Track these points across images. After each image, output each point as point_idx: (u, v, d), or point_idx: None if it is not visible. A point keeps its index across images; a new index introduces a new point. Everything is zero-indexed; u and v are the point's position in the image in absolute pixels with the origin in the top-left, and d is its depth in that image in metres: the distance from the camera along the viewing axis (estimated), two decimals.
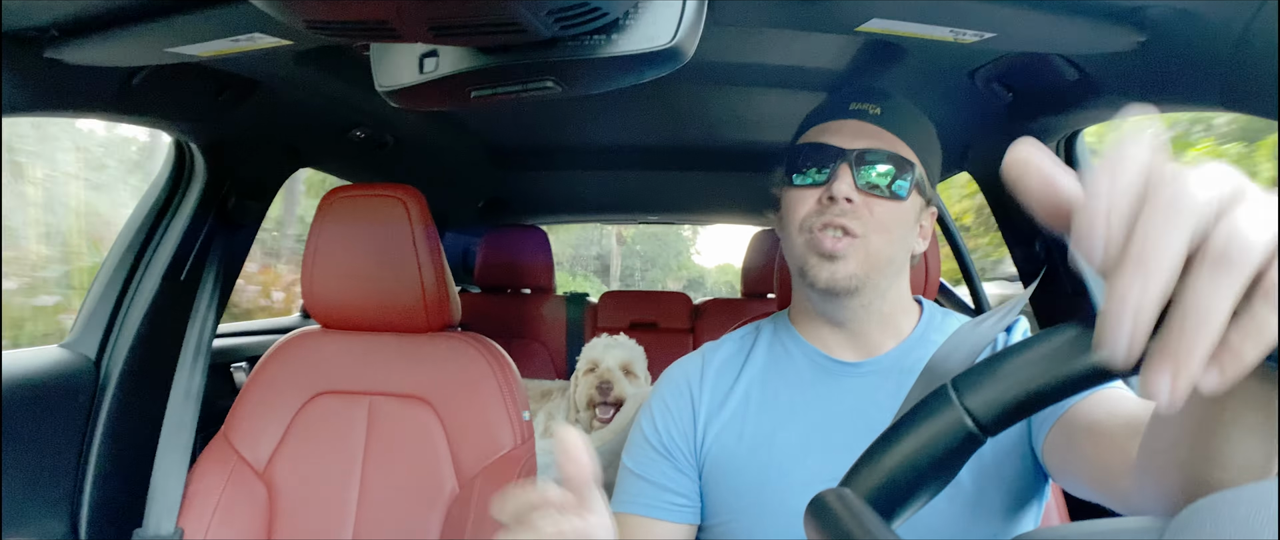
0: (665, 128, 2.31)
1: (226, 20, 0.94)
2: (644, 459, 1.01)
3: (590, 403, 2.02)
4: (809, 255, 0.93)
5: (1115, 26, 0.93)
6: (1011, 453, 0.88)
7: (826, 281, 0.91)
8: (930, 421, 0.40)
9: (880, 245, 0.92)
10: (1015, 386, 0.38)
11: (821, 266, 0.91)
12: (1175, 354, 0.32)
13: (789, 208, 0.96)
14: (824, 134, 0.96)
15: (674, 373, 1.07)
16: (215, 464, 1.37)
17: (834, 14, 0.94)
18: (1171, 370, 0.32)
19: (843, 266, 0.91)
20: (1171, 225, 0.32)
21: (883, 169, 0.92)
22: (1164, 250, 0.32)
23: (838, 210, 0.91)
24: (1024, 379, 0.38)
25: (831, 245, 0.90)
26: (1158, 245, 0.32)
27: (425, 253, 1.38)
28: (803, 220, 0.94)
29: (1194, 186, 0.32)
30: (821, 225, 0.91)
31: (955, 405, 0.39)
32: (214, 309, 1.55)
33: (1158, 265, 0.32)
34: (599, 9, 0.66)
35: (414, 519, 1.33)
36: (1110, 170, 0.33)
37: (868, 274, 0.92)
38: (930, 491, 0.41)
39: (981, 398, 0.39)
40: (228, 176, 1.64)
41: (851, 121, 0.96)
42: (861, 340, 0.98)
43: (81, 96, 1.17)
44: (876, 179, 0.92)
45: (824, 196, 0.92)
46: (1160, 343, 0.32)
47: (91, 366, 1.48)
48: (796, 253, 0.95)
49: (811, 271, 0.92)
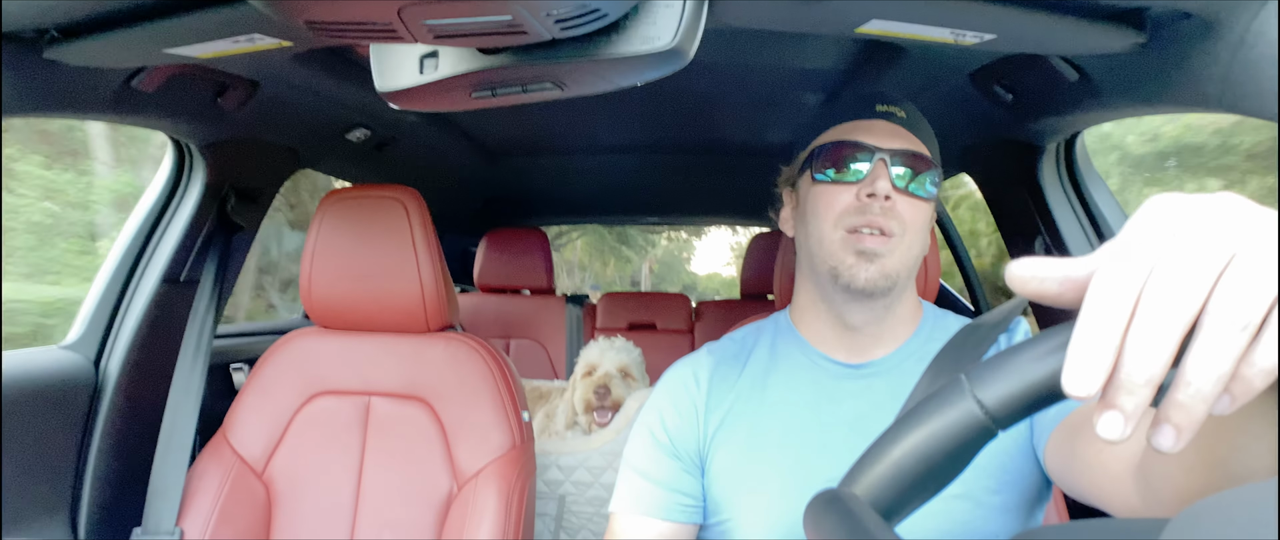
0: (665, 129, 2.32)
1: (226, 21, 0.94)
2: (650, 459, 1.00)
3: (588, 406, 2.02)
4: (845, 255, 0.92)
5: (1115, 28, 0.93)
6: (1016, 454, 0.88)
7: (866, 282, 0.90)
8: (943, 413, 0.40)
9: (912, 244, 0.93)
10: (1028, 379, 0.38)
11: (861, 266, 0.91)
12: (1179, 417, 0.34)
13: (818, 204, 0.95)
14: (855, 132, 0.95)
15: (679, 371, 1.06)
16: (214, 464, 1.37)
17: (834, 15, 0.93)
18: (1176, 428, 0.34)
19: (882, 265, 0.90)
20: (1160, 341, 0.33)
21: (912, 170, 0.93)
22: (1152, 368, 0.34)
23: (878, 209, 0.91)
24: (1037, 372, 0.38)
25: (873, 244, 0.90)
26: (1146, 366, 0.34)
27: (424, 253, 1.38)
28: (839, 217, 0.93)
29: (1185, 274, 0.33)
30: (862, 224, 0.91)
31: (968, 396, 0.39)
32: (213, 309, 1.55)
33: (1147, 381, 0.34)
34: (599, 11, 0.66)
35: (412, 518, 1.33)
36: (1104, 282, 0.35)
37: (901, 273, 0.92)
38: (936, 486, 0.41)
39: (995, 390, 0.39)
40: (227, 178, 1.64)
41: (881, 122, 0.96)
42: (867, 342, 0.98)
43: (81, 97, 1.17)
44: (908, 180, 0.93)
45: (862, 193, 0.91)
46: (1165, 407, 0.34)
47: (91, 367, 1.48)
48: (829, 250, 0.94)
49: (848, 272, 0.91)
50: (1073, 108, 1.26)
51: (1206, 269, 0.33)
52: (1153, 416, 0.35)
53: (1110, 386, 0.34)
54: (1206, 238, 0.34)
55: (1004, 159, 1.62)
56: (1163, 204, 0.36)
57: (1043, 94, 1.28)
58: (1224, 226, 0.34)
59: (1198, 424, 0.34)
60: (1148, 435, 0.35)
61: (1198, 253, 0.33)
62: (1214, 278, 0.33)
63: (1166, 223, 0.35)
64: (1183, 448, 0.34)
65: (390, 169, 2.28)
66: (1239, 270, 0.33)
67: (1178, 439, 0.34)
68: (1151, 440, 0.35)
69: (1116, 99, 1.14)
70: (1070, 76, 1.16)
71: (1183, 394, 0.33)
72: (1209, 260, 0.33)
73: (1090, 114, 1.27)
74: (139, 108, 1.29)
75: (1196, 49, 0.89)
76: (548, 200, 3.46)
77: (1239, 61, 0.84)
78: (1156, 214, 0.36)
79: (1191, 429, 0.34)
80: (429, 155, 2.35)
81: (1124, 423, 0.34)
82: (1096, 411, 0.35)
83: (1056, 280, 0.38)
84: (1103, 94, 1.15)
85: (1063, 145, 1.54)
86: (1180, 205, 0.36)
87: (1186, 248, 0.34)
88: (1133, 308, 0.34)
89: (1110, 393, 0.34)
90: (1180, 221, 0.35)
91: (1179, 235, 0.34)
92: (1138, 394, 0.34)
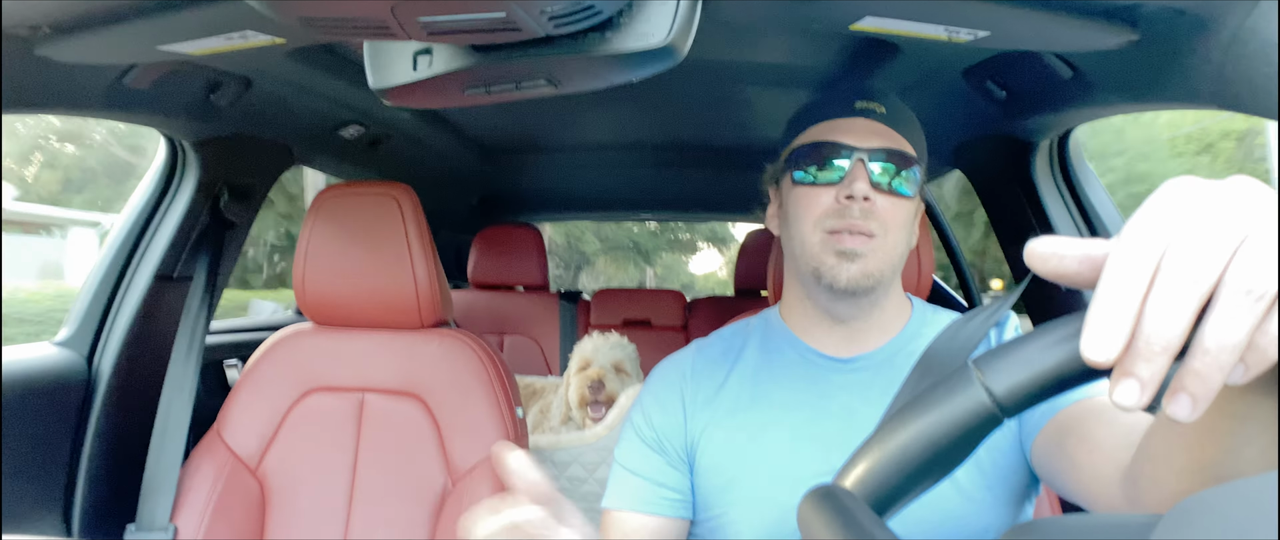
0: (659, 125, 2.32)
1: (219, 18, 0.94)
2: (636, 454, 1.01)
3: (582, 401, 2.02)
4: (826, 256, 0.92)
5: (1108, 24, 0.93)
6: (1007, 450, 0.89)
7: (847, 281, 0.90)
8: (951, 400, 0.40)
9: (894, 243, 0.93)
10: (1037, 368, 0.39)
11: (841, 267, 0.91)
12: (1196, 386, 0.35)
13: (798, 206, 0.95)
14: (833, 132, 0.95)
15: (665, 367, 1.06)
16: (208, 460, 1.37)
17: (828, 12, 0.94)
18: (1193, 397, 0.35)
19: (862, 265, 0.90)
20: (1178, 308, 0.34)
21: (893, 168, 0.92)
22: (1170, 335, 0.34)
23: (857, 210, 0.90)
24: (1047, 361, 0.39)
25: (852, 244, 0.90)
26: (1163, 333, 0.34)
27: (418, 250, 1.38)
28: (818, 219, 0.93)
29: (1202, 248, 0.34)
30: (840, 226, 0.91)
31: (976, 384, 0.40)
32: (206, 306, 1.55)
33: (1165, 348, 0.34)
34: (593, 7, 0.66)
35: (406, 515, 1.33)
36: (1124, 253, 0.36)
37: (884, 272, 0.92)
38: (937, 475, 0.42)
39: (1004, 378, 0.39)
40: (220, 175, 1.64)
41: (860, 120, 0.95)
42: (856, 336, 0.99)
43: (73, 94, 1.17)
44: (888, 178, 0.92)
45: (840, 195, 0.91)
46: (1181, 376, 0.35)
47: (84, 364, 1.48)
48: (810, 252, 0.94)
49: (830, 273, 0.91)
50: (1066, 104, 1.26)
51: (1223, 243, 0.34)
52: (1151, 418, 0.36)
53: (1128, 354, 0.35)
54: (1223, 216, 0.35)
55: (997, 155, 1.62)
56: (1180, 186, 0.37)
57: (1036, 90, 1.29)
58: (1240, 207, 0.35)
59: (1213, 393, 0.34)
60: (1163, 405, 0.36)
61: (1214, 229, 0.34)
62: (1230, 252, 0.34)
63: (1183, 202, 0.36)
64: (1198, 417, 0.35)
65: (384, 166, 2.28)
66: (1255, 244, 0.34)
67: (1194, 408, 0.35)
68: (1167, 409, 0.35)
69: (1110, 95, 1.14)
70: (1063, 73, 1.16)
71: (1199, 362, 0.34)
72: (1225, 236, 0.34)
73: (1083, 110, 1.27)
74: (131, 104, 1.28)
75: (1189, 45, 0.89)
76: (541, 197, 3.46)
77: (1232, 58, 0.84)
78: (1174, 195, 0.37)
79: (1207, 398, 0.34)
80: (423, 152, 2.35)
81: (1140, 391, 0.35)
82: (1113, 380, 0.36)
83: (1076, 258, 0.39)
84: (1096, 90, 1.15)
85: (1056, 141, 1.55)
86: (1197, 187, 0.37)
87: (1204, 224, 0.35)
88: (1151, 277, 0.35)
89: (1128, 360, 0.35)
90: (1197, 201, 0.36)
91: (1196, 213, 0.35)
92: (1155, 361, 0.34)
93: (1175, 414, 0.35)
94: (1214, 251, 0.34)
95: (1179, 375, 0.35)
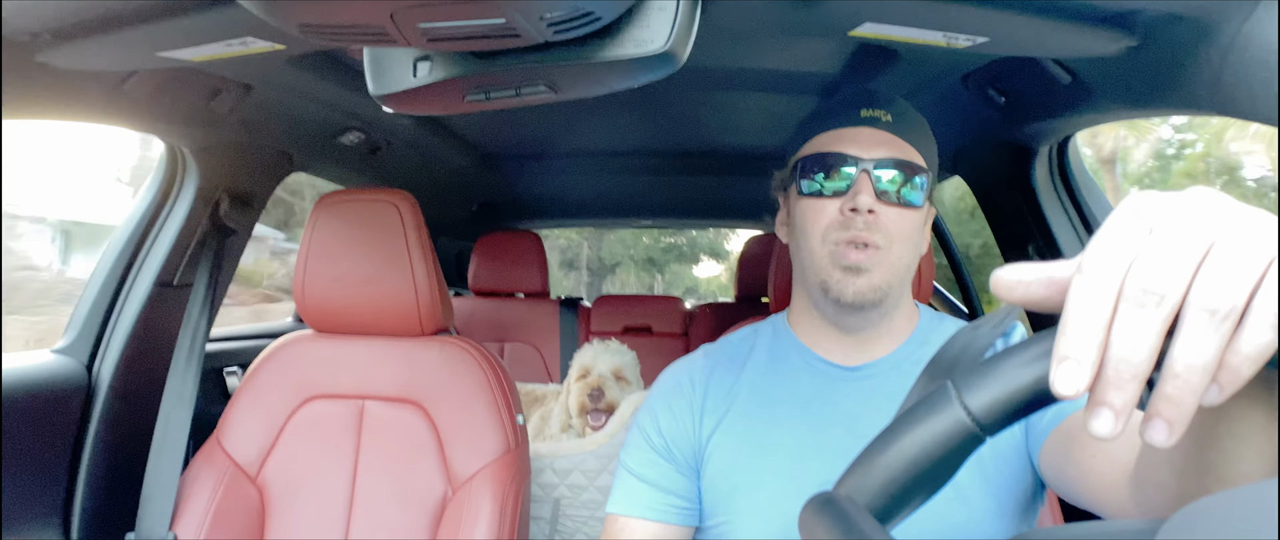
0: (659, 132, 2.32)
1: (219, 24, 0.94)
2: (645, 460, 1.00)
3: (582, 409, 2.01)
4: (832, 270, 0.91)
5: (1107, 31, 0.93)
6: (1011, 458, 0.88)
7: (853, 295, 0.90)
8: (930, 420, 0.40)
9: (901, 254, 0.92)
10: (1014, 386, 0.38)
11: (847, 281, 0.90)
12: (1169, 411, 0.34)
13: (805, 218, 0.95)
14: (838, 142, 0.94)
15: (675, 371, 1.06)
16: (208, 468, 1.36)
17: (827, 18, 0.94)
18: (1168, 422, 0.34)
19: (868, 279, 0.90)
20: (1143, 334, 0.34)
21: (900, 178, 0.92)
22: (1137, 362, 0.34)
23: (862, 223, 0.90)
24: (1022, 378, 0.38)
25: (858, 258, 0.90)
26: (1131, 360, 0.34)
27: (418, 257, 1.38)
28: (824, 232, 0.92)
29: (1163, 267, 0.33)
30: (846, 240, 0.90)
31: (955, 404, 0.39)
32: (206, 313, 1.55)
33: (1134, 376, 0.34)
34: (592, 13, 0.66)
35: (406, 522, 1.33)
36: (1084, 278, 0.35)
37: (891, 284, 0.92)
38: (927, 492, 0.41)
39: (981, 397, 0.39)
40: (220, 181, 1.64)
41: (865, 129, 0.94)
42: (863, 345, 0.98)
43: (73, 101, 1.17)
44: (895, 188, 0.91)
45: (845, 208, 0.91)
46: (1155, 401, 0.34)
47: (84, 371, 1.47)
48: (817, 265, 0.93)
49: (836, 286, 0.91)
50: (1065, 110, 1.26)
51: (1185, 259, 0.33)
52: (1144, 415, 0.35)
53: (1099, 383, 0.34)
54: (1184, 229, 0.34)
55: (996, 161, 1.63)
56: (1139, 201, 0.36)
57: (1035, 97, 1.29)
58: (1201, 218, 0.34)
59: (1188, 416, 0.33)
60: (1140, 431, 0.35)
61: (1176, 244, 0.34)
62: (1193, 268, 0.33)
63: (1143, 217, 0.35)
64: (1176, 441, 0.34)
65: (384, 173, 2.28)
66: (1218, 259, 0.33)
67: (1170, 433, 0.34)
68: (1144, 436, 0.34)
69: (1108, 102, 1.14)
70: (1063, 79, 1.16)
71: (1171, 386, 0.33)
72: (1187, 251, 0.33)
73: (1083, 117, 1.27)
74: (131, 111, 1.29)
75: (1188, 52, 0.89)
76: (541, 203, 3.46)
77: (1230, 64, 0.84)
78: (1133, 210, 0.36)
79: (1182, 422, 0.34)
80: (422, 159, 2.35)
81: (1114, 419, 0.34)
82: (1087, 410, 0.35)
83: (1041, 283, 0.38)
84: (1095, 97, 1.15)
85: (1055, 148, 1.55)
86: (1156, 201, 0.36)
87: (1164, 240, 0.34)
88: (1114, 303, 0.34)
89: (1099, 389, 0.34)
90: (1157, 215, 0.35)
91: (1156, 229, 0.34)
92: (1126, 389, 0.34)
93: (1152, 440, 0.34)
94: (1177, 268, 0.33)
95: (1152, 401, 0.34)
